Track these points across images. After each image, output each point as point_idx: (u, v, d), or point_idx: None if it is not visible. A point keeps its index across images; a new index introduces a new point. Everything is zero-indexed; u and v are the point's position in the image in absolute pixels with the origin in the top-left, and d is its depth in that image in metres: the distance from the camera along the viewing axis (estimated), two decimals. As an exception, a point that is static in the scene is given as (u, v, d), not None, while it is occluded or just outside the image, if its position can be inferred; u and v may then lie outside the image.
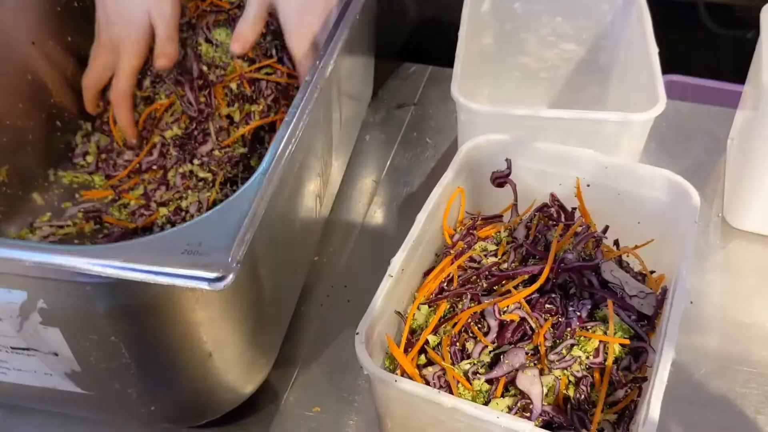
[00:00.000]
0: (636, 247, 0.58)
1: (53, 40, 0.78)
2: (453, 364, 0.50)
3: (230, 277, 0.40)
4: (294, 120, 0.52)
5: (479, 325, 0.51)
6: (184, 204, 0.73)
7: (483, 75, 0.84)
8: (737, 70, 0.78)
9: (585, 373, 0.49)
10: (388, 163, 0.82)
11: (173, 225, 0.71)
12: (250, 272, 0.49)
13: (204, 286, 0.40)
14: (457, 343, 0.50)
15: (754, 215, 0.71)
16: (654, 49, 0.68)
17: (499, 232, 0.59)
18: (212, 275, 0.40)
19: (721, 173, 0.79)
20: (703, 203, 0.75)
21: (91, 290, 0.43)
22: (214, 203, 0.71)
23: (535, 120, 0.63)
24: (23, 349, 0.49)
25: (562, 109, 0.85)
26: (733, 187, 0.73)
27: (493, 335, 0.50)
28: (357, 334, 0.47)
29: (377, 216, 0.77)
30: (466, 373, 0.49)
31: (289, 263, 0.62)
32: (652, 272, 0.56)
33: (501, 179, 0.61)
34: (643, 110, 0.67)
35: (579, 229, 0.57)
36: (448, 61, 0.70)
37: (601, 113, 0.63)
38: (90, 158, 0.80)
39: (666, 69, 0.69)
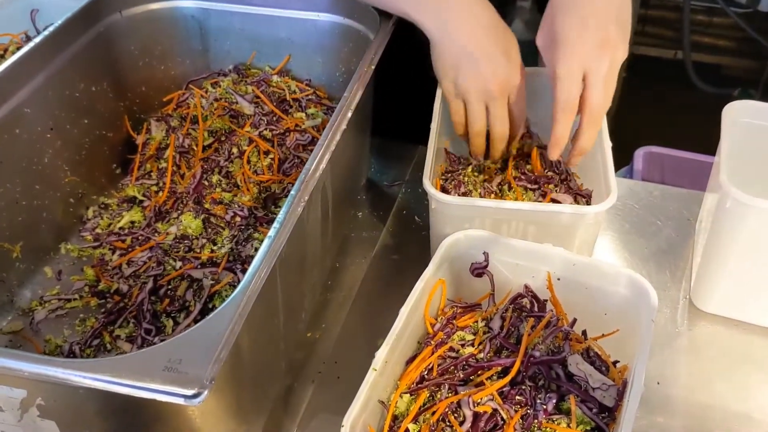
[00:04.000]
0: (603, 336, 0.63)
1: (71, 124, 0.83)
2: (431, 451, 0.54)
3: (205, 393, 0.45)
4: (276, 234, 0.56)
5: (456, 414, 0.56)
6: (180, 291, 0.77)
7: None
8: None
9: (551, 462, 0.53)
10: (379, 240, 0.88)
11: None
12: (231, 375, 0.53)
13: (180, 401, 0.45)
14: (435, 432, 0.55)
15: (719, 299, 0.76)
16: (608, 144, 0.74)
17: (477, 321, 0.64)
18: (189, 392, 0.45)
19: (689, 255, 0.84)
20: (671, 285, 0.81)
21: (84, 393, 0.49)
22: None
23: (498, 210, 0.68)
24: None
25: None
26: (699, 271, 0.78)
27: (468, 425, 0.55)
28: (342, 426, 0.51)
29: (368, 292, 0.82)
30: (442, 461, 0.54)
31: (274, 354, 0.67)
32: (615, 362, 0.61)
33: (479, 270, 0.66)
34: (598, 193, 0.73)
35: (551, 320, 0.62)
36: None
37: (557, 206, 0.69)
38: (99, 231, 0.85)
39: (653, 132, 0.73)
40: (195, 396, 0.45)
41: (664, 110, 2.40)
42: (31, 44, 0.78)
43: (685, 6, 2.22)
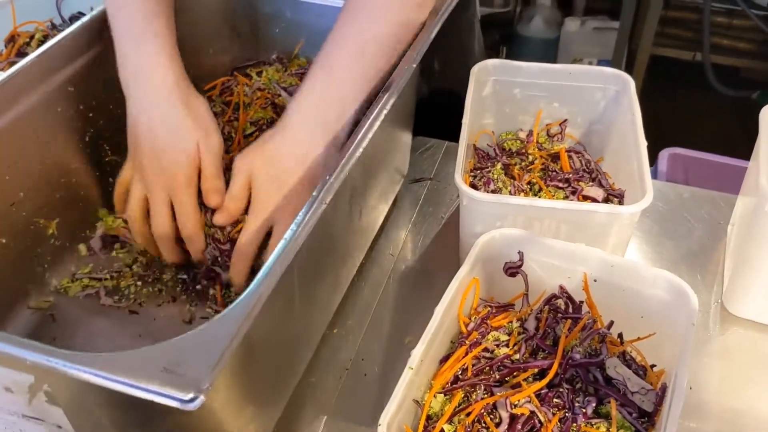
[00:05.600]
0: (638, 339, 0.62)
1: (114, 104, 0.80)
2: (467, 453, 0.53)
3: (201, 398, 0.43)
4: (292, 237, 0.53)
5: (491, 416, 0.55)
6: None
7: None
8: (741, 128, 0.79)
9: (589, 466, 0.52)
10: (405, 237, 0.87)
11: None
12: (239, 374, 0.52)
13: (176, 405, 0.43)
14: (471, 433, 0.54)
15: (753, 304, 0.75)
16: (643, 143, 0.73)
17: (511, 322, 0.63)
18: (185, 396, 0.43)
19: (721, 259, 0.83)
20: (702, 289, 0.80)
21: (85, 385, 0.47)
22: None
23: (532, 209, 0.67)
24: (33, 417, 0.54)
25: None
26: (732, 275, 0.77)
27: (504, 427, 0.54)
28: (379, 425, 0.50)
29: (394, 289, 0.81)
30: (478, 463, 0.53)
31: (290, 353, 0.65)
32: (653, 366, 0.60)
33: (513, 270, 0.65)
34: (631, 194, 0.72)
35: (587, 322, 0.61)
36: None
37: (592, 205, 0.68)
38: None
39: (672, 134, 0.71)
40: (191, 401, 0.43)
41: (682, 112, 2.38)
42: (77, 24, 0.77)
43: (706, 7, 2.20)
